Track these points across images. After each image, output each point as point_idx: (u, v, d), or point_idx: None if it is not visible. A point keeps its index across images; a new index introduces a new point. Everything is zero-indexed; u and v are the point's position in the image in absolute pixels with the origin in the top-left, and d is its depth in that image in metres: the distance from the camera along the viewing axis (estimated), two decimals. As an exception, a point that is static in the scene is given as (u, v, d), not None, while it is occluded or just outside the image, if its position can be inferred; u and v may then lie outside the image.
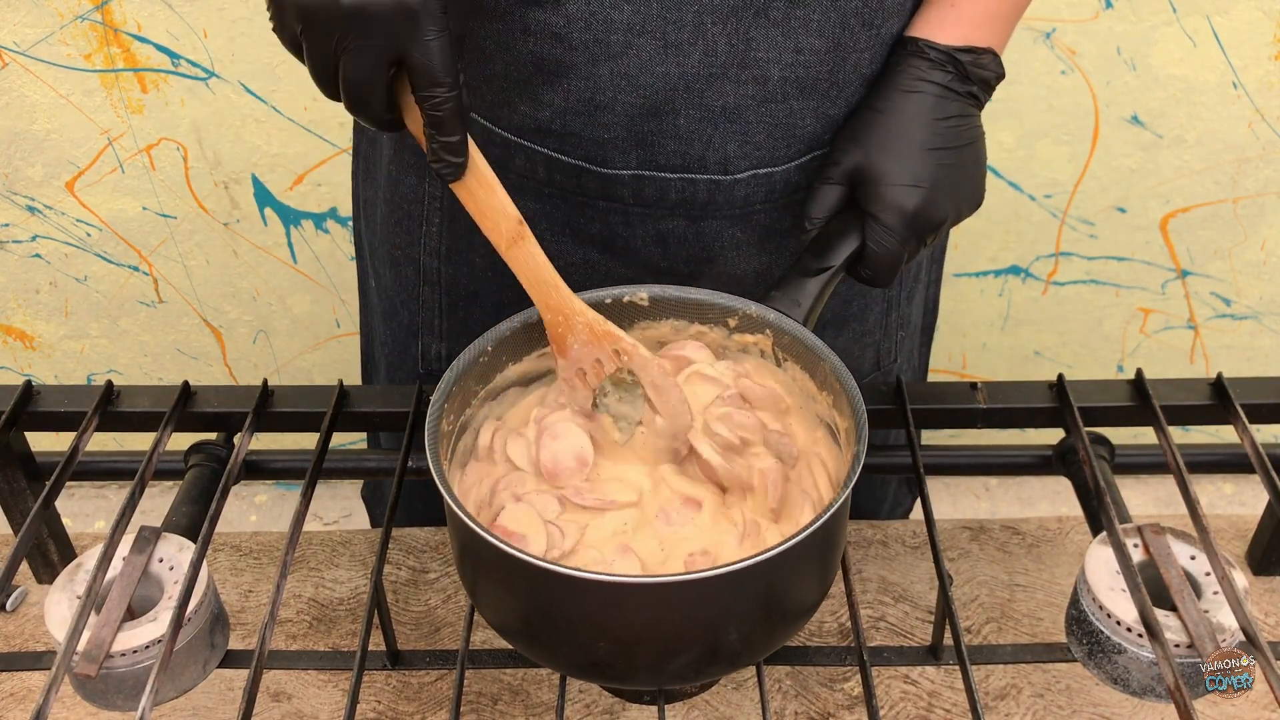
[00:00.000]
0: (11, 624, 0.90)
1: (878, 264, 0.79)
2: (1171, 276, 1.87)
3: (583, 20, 0.78)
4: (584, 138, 0.83)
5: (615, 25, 0.78)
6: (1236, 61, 1.63)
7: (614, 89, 0.80)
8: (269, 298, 1.90)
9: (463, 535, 0.66)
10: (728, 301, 0.77)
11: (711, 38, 0.78)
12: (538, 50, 0.80)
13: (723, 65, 0.80)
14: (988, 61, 0.81)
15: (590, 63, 0.79)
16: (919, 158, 0.79)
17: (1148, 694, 0.70)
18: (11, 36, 1.61)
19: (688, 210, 0.86)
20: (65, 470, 0.80)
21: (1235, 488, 2.10)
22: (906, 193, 0.78)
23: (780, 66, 0.80)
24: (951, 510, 2.10)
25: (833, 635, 0.88)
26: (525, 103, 0.82)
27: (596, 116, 0.82)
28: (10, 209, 1.79)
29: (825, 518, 0.62)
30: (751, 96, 0.81)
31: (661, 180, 0.85)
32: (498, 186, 0.70)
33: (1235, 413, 0.84)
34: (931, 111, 0.80)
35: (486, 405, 0.77)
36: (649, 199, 0.86)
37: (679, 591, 0.61)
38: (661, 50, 0.79)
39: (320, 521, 2.11)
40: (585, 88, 0.80)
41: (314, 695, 0.84)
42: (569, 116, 0.82)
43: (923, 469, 0.82)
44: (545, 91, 0.81)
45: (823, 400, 0.75)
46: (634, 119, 0.82)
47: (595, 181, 0.85)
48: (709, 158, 0.84)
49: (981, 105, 0.83)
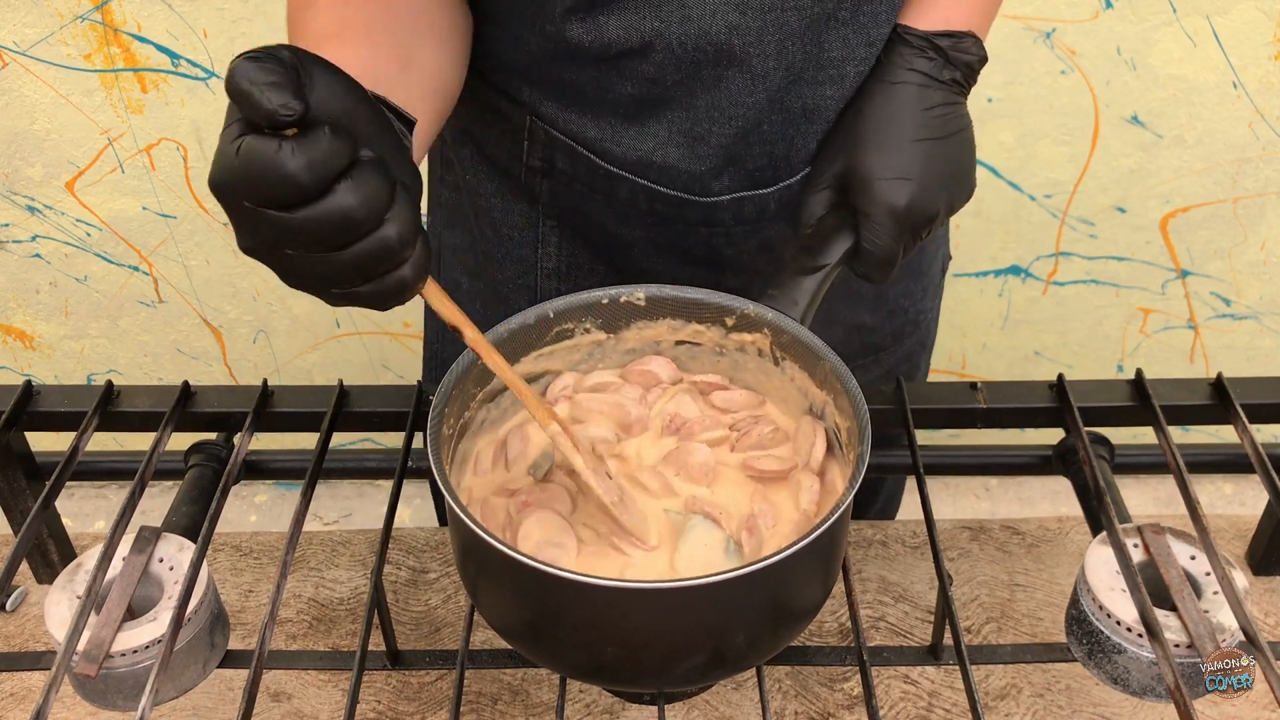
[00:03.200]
0: (11, 624, 0.90)
1: (874, 262, 0.79)
2: (1171, 276, 1.86)
3: (672, 64, 0.79)
4: (681, 170, 0.84)
5: (704, 64, 0.79)
6: (1236, 61, 1.63)
7: (709, 120, 0.82)
8: (269, 298, 1.90)
9: (467, 540, 0.66)
10: (725, 300, 0.77)
11: (790, 54, 0.80)
12: (636, 92, 0.81)
13: (799, 70, 0.80)
14: (969, 45, 0.81)
15: (687, 95, 0.81)
16: (906, 150, 0.78)
17: (1148, 694, 0.70)
18: (11, 36, 1.61)
19: (788, 213, 0.87)
20: (65, 470, 0.80)
21: (1235, 488, 2.10)
22: (896, 187, 0.77)
23: (855, 63, 0.81)
24: (951, 510, 2.10)
25: (833, 635, 0.88)
26: (629, 136, 0.84)
27: (694, 148, 0.83)
28: (10, 209, 1.79)
29: (831, 521, 0.62)
30: (830, 95, 0.82)
31: (759, 197, 0.86)
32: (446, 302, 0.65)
33: (1235, 413, 0.84)
34: (917, 102, 0.79)
35: (484, 408, 0.77)
36: (749, 217, 0.87)
37: (687, 596, 0.60)
38: (749, 81, 0.80)
39: (320, 521, 2.11)
40: (685, 118, 0.82)
41: (314, 695, 0.84)
42: (669, 148, 0.84)
43: (923, 469, 0.82)
44: (651, 123, 0.83)
45: (822, 398, 0.75)
46: (727, 146, 0.83)
47: (696, 210, 0.87)
48: (793, 157, 0.85)
49: (965, 92, 0.82)
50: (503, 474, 0.76)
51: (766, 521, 0.72)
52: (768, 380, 0.79)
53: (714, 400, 0.80)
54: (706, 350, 0.80)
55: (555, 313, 0.77)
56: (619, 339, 0.79)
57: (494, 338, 0.75)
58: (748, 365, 0.79)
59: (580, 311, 0.77)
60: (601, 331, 0.79)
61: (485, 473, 0.76)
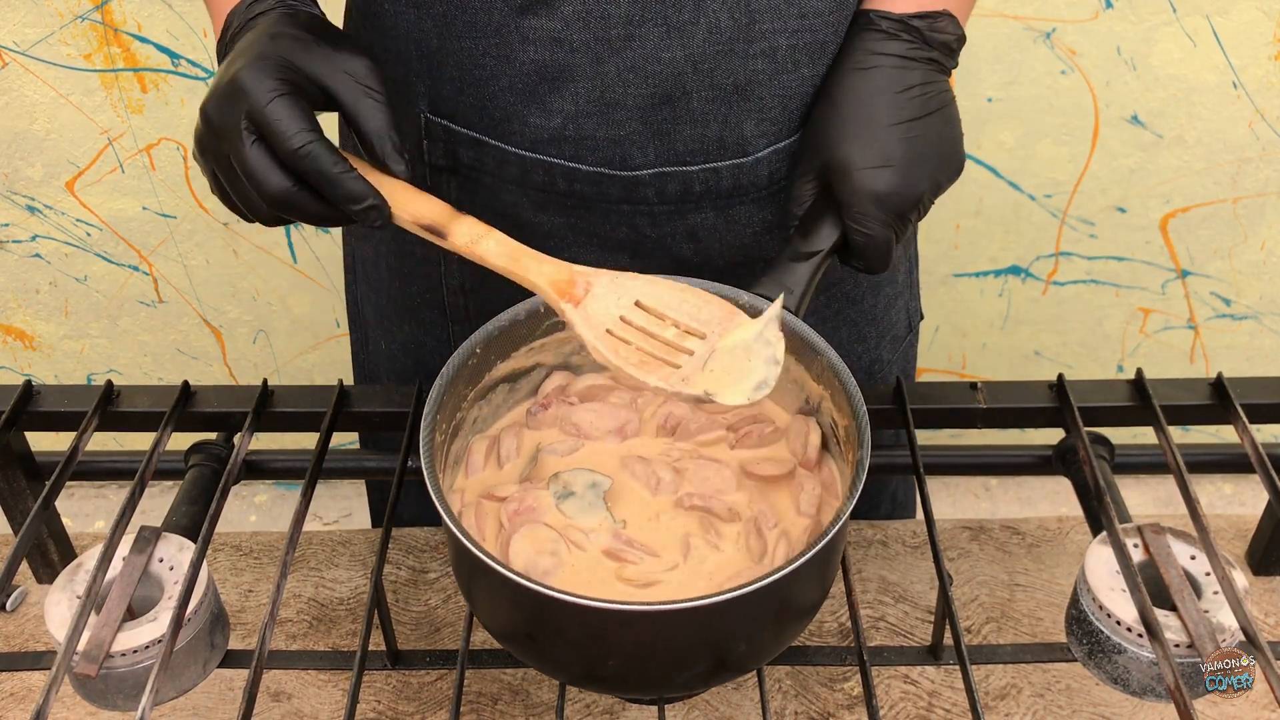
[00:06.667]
0: (11, 624, 0.90)
1: (865, 252, 0.77)
2: (1171, 276, 1.87)
3: (580, 20, 0.77)
4: (599, 139, 0.82)
5: (614, 19, 0.77)
6: (1236, 61, 1.63)
7: (622, 83, 0.79)
8: (269, 298, 1.90)
9: (463, 553, 0.64)
10: (720, 291, 0.75)
11: (714, 14, 0.77)
12: (539, 57, 0.79)
13: (729, 41, 0.78)
14: (945, 24, 0.79)
15: (594, 61, 0.79)
16: (883, 135, 0.76)
17: (1148, 694, 0.70)
18: (11, 36, 1.61)
19: (714, 200, 0.85)
20: (65, 470, 0.80)
21: (1235, 488, 2.10)
22: (876, 175, 0.76)
23: (787, 35, 0.79)
24: (951, 510, 2.10)
25: (833, 635, 0.88)
26: (535, 114, 0.82)
27: (609, 114, 0.81)
28: (10, 209, 1.79)
29: (834, 530, 0.62)
30: (762, 70, 0.80)
31: (684, 174, 0.84)
32: (420, 197, 0.70)
33: (1235, 413, 0.84)
34: (891, 85, 0.78)
35: (476, 406, 0.76)
36: (673, 195, 0.85)
37: (689, 616, 0.60)
38: (665, 35, 0.78)
39: (320, 521, 2.11)
40: (593, 87, 0.80)
41: (314, 695, 0.84)
42: (581, 120, 0.81)
43: (923, 469, 0.82)
44: (553, 98, 0.81)
45: (818, 392, 0.74)
46: (647, 110, 0.81)
47: (617, 186, 0.84)
48: (727, 139, 0.83)
49: (946, 70, 0.80)
50: (495, 473, 0.76)
51: (767, 523, 0.71)
52: None
53: (705, 406, 0.79)
54: None
55: (546, 308, 0.76)
56: None
57: (485, 336, 0.74)
58: None
59: None
60: None
61: (477, 472, 0.76)
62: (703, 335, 0.70)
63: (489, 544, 0.71)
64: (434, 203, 0.71)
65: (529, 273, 0.70)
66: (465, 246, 0.70)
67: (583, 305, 0.70)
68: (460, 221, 0.70)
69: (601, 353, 0.68)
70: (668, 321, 0.70)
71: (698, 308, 0.71)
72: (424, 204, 0.70)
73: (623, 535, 0.70)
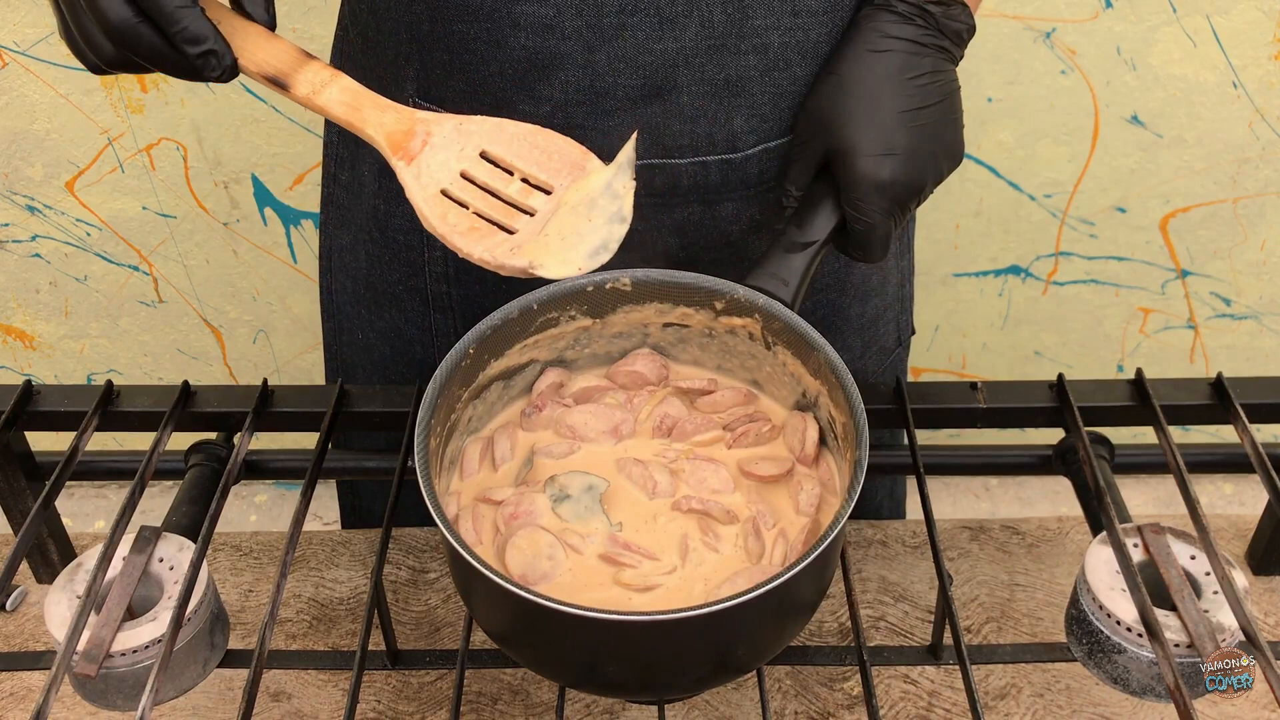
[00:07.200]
0: (11, 624, 0.90)
1: (863, 241, 0.76)
2: (1171, 276, 1.87)
3: (573, 7, 0.76)
4: (588, 128, 0.81)
5: (607, 8, 0.76)
6: (1236, 61, 1.63)
7: (613, 73, 0.79)
8: (269, 298, 1.90)
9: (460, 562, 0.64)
10: (714, 284, 0.75)
11: (707, 8, 0.77)
12: (530, 44, 0.78)
13: (721, 36, 0.78)
14: (959, 13, 0.78)
15: (585, 50, 0.78)
16: (891, 122, 0.75)
17: (1148, 694, 0.70)
18: (11, 36, 1.61)
19: (701, 195, 0.85)
20: (65, 470, 0.80)
21: (1235, 488, 2.10)
22: (881, 163, 0.75)
23: (780, 32, 0.79)
24: (951, 510, 2.10)
25: (833, 635, 0.88)
26: (524, 101, 0.81)
27: (598, 104, 0.80)
28: (10, 209, 1.79)
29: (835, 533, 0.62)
30: (754, 66, 0.80)
31: (672, 167, 0.83)
32: (272, 43, 0.64)
33: (1235, 413, 0.84)
34: (902, 71, 0.76)
35: (470, 406, 0.76)
36: (660, 189, 0.84)
37: (689, 624, 0.60)
38: (657, 26, 0.77)
39: (320, 521, 2.10)
40: (583, 76, 0.79)
41: (314, 695, 0.84)
42: (570, 108, 0.81)
43: (923, 469, 0.82)
44: (543, 86, 0.80)
45: (816, 387, 0.74)
46: (636, 102, 0.80)
47: None
48: (716, 135, 0.82)
49: (955, 60, 0.79)
50: (490, 476, 0.76)
51: (765, 524, 0.71)
52: (759, 366, 0.78)
53: (699, 405, 0.79)
54: (695, 333, 0.78)
55: (539, 304, 0.75)
56: (605, 324, 0.78)
57: (478, 335, 0.73)
58: (738, 349, 0.78)
59: (565, 300, 0.76)
60: (587, 318, 0.77)
61: (472, 474, 0.76)
62: (549, 190, 0.63)
63: (486, 547, 0.71)
64: (284, 50, 0.65)
65: (367, 125, 0.65)
66: (306, 98, 0.64)
67: (417, 160, 0.62)
68: (306, 69, 0.64)
69: (428, 219, 0.62)
70: (517, 176, 0.63)
71: (548, 155, 0.63)
72: (271, 51, 0.64)
73: (620, 539, 0.70)
